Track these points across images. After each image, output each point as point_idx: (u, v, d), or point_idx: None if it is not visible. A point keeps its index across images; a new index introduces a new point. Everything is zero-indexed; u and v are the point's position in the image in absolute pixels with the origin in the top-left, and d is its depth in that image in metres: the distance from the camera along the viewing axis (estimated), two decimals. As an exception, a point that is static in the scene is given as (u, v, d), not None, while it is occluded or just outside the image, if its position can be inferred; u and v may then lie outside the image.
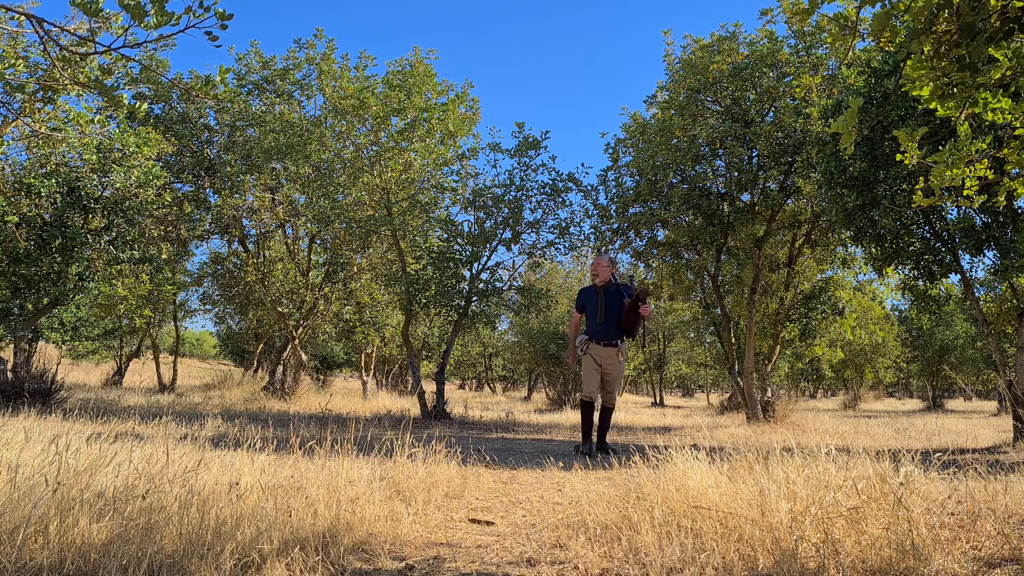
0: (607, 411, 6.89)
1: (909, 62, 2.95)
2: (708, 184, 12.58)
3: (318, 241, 16.08)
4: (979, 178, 3.64)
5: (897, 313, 28.73)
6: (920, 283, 10.10)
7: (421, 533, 3.25)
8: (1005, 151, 3.41)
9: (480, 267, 12.06)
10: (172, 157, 14.54)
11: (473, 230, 12.08)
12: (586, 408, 6.85)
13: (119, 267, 11.62)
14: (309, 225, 14.69)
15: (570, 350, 7.02)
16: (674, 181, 12.31)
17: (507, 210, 11.79)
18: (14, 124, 8.90)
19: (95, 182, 9.85)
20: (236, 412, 11.07)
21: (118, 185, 9.91)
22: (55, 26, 2.78)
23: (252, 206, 14.60)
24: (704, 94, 12.27)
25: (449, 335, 13.42)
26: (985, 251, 9.13)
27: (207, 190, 15.29)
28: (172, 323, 20.40)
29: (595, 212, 12.74)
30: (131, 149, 10.05)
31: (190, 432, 5.27)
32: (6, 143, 9.25)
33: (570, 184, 12.21)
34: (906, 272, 9.92)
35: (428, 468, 4.28)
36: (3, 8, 3.03)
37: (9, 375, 9.58)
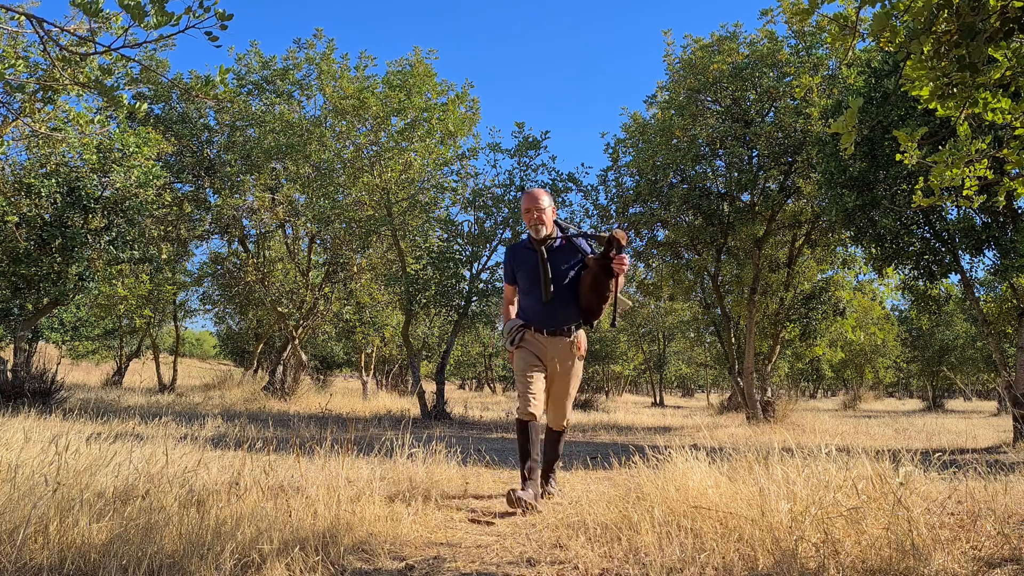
0: (554, 437, 4.30)
1: (909, 62, 2.95)
2: (708, 184, 12.58)
3: (318, 241, 16.09)
4: (979, 178, 3.64)
5: (897, 313, 28.75)
6: (920, 283, 10.11)
7: (421, 533, 3.25)
8: (1005, 151, 3.41)
9: (480, 267, 12.07)
10: (172, 157, 14.55)
11: (473, 230, 12.09)
12: (523, 432, 4.11)
13: (119, 267, 11.63)
14: (309, 225, 14.70)
15: (504, 320, 4.43)
16: (674, 181, 12.32)
17: (507, 210, 11.80)
18: (14, 124, 8.90)
19: (95, 182, 9.85)
20: (236, 412, 11.07)
21: (118, 185, 9.91)
22: (55, 26, 2.78)
23: (252, 206, 14.61)
24: (704, 94, 12.28)
25: (449, 335, 13.42)
26: (985, 251, 9.14)
27: (207, 190, 15.30)
28: (172, 323, 20.41)
29: (595, 212, 12.75)
30: (131, 149, 10.05)
31: (190, 432, 5.27)
32: (6, 143, 9.25)
33: (570, 184, 12.23)
34: (906, 272, 9.92)
35: (428, 468, 4.28)
36: (3, 8, 3.03)
37: (9, 375, 9.58)
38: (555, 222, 4.26)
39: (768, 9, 10.97)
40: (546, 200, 4.20)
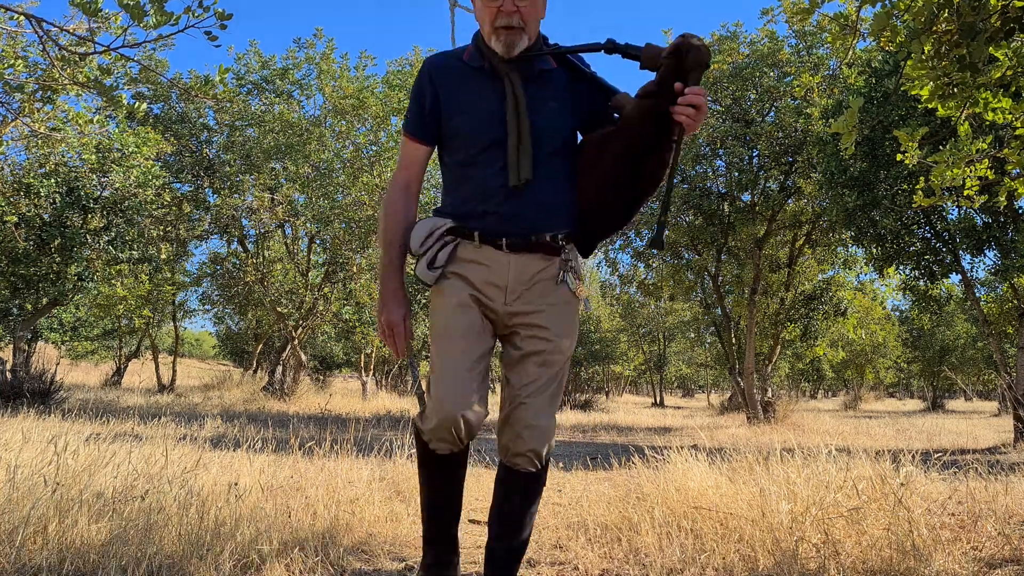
0: (523, 487, 2.03)
1: (909, 62, 2.94)
2: (708, 184, 12.59)
3: (318, 241, 16.09)
4: (979, 178, 3.64)
5: (898, 313, 28.74)
6: (921, 283, 10.11)
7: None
8: (1005, 151, 3.41)
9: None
10: (171, 157, 14.53)
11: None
12: (438, 467, 2.12)
13: (118, 267, 11.62)
14: (309, 225, 14.70)
15: (383, 283, 2.00)
16: (674, 181, 12.33)
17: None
18: (13, 124, 8.90)
19: (94, 182, 9.85)
20: (235, 412, 11.06)
21: (117, 185, 9.91)
22: (55, 26, 2.78)
23: (251, 206, 14.60)
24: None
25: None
26: (986, 251, 9.14)
27: (206, 190, 15.29)
28: (171, 323, 20.40)
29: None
30: (130, 149, 10.05)
31: (189, 432, 5.26)
32: (6, 143, 9.25)
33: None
34: (907, 272, 9.93)
35: (428, 468, 4.26)
36: (3, 8, 3.03)
37: (8, 375, 9.58)
38: (541, 34, 2.03)
39: (768, 9, 10.97)
40: None
